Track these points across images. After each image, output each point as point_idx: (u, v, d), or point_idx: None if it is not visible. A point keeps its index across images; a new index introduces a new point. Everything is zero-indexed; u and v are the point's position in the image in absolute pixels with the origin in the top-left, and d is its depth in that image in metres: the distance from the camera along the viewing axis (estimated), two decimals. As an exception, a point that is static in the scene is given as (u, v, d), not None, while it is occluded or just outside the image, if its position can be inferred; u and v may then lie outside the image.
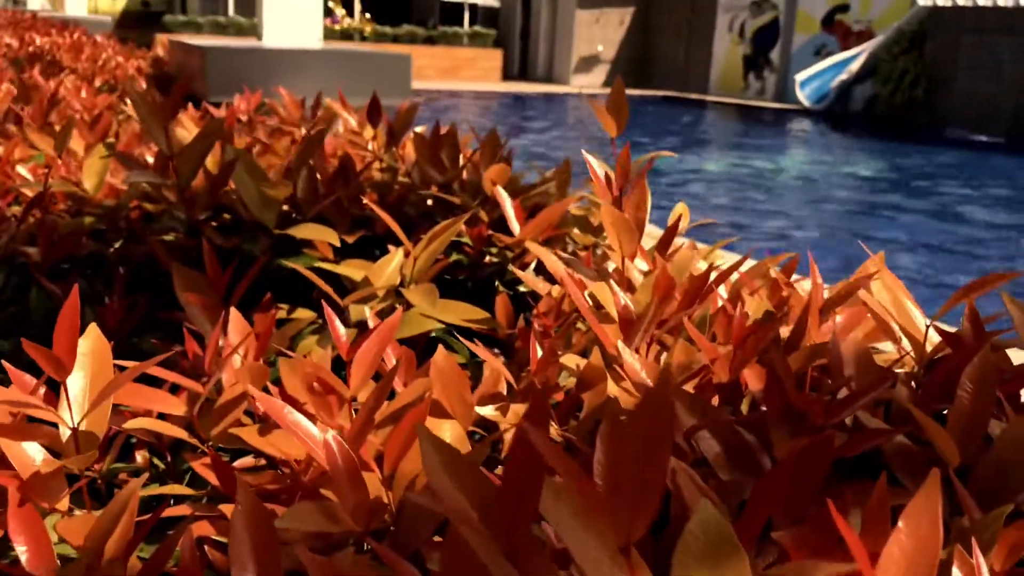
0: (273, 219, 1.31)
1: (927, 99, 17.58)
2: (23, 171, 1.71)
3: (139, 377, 0.83)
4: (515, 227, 1.23)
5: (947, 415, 0.72)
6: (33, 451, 0.72)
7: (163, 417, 0.87)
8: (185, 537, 0.64)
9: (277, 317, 1.23)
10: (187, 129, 1.85)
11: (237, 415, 0.86)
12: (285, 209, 1.46)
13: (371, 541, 0.53)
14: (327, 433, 0.65)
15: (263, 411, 0.72)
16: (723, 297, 0.94)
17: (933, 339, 0.94)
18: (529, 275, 1.06)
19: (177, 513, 0.74)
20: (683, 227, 1.42)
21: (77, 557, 0.65)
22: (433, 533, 0.66)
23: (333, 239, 1.28)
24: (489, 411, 0.81)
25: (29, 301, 1.29)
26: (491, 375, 0.87)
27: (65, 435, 0.75)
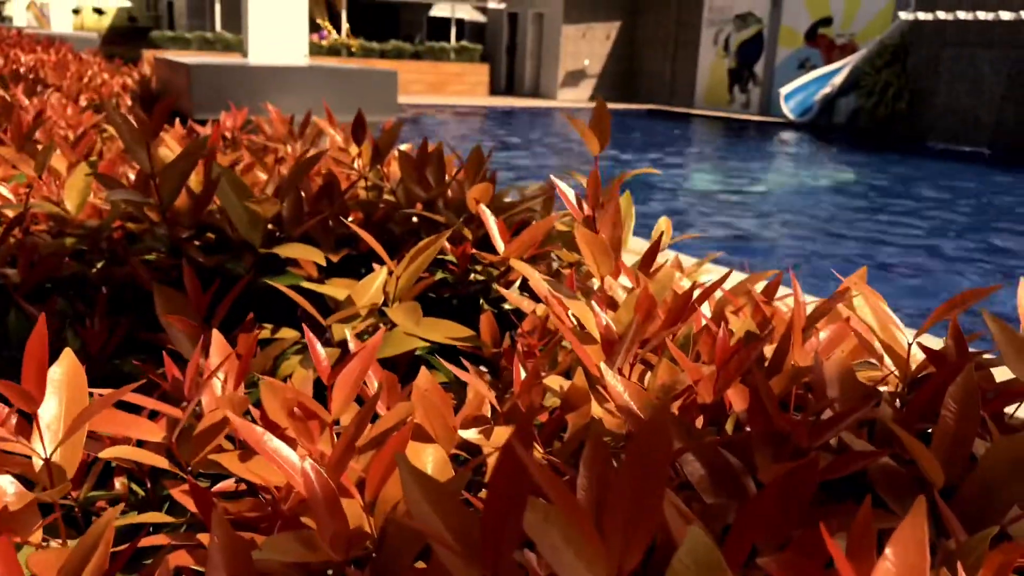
0: (259, 238, 1.30)
1: (910, 111, 17.77)
2: (3, 191, 1.69)
3: (119, 402, 0.82)
4: (499, 245, 1.22)
5: (932, 434, 0.72)
6: (4, 483, 0.71)
7: (142, 444, 0.85)
8: (162, 568, 0.63)
9: (261, 337, 1.22)
10: (170, 148, 1.83)
11: (218, 441, 0.85)
12: (270, 228, 1.45)
13: (352, 571, 0.52)
14: (305, 461, 0.64)
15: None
16: (706, 317, 0.93)
17: (917, 356, 0.94)
18: (513, 294, 1.05)
19: (155, 543, 0.72)
20: (666, 242, 1.42)
21: (51, 591, 0.64)
22: (415, 560, 0.65)
23: (318, 258, 1.28)
24: (472, 434, 0.80)
25: (7, 324, 1.28)
26: (475, 397, 0.86)
27: (38, 465, 0.74)
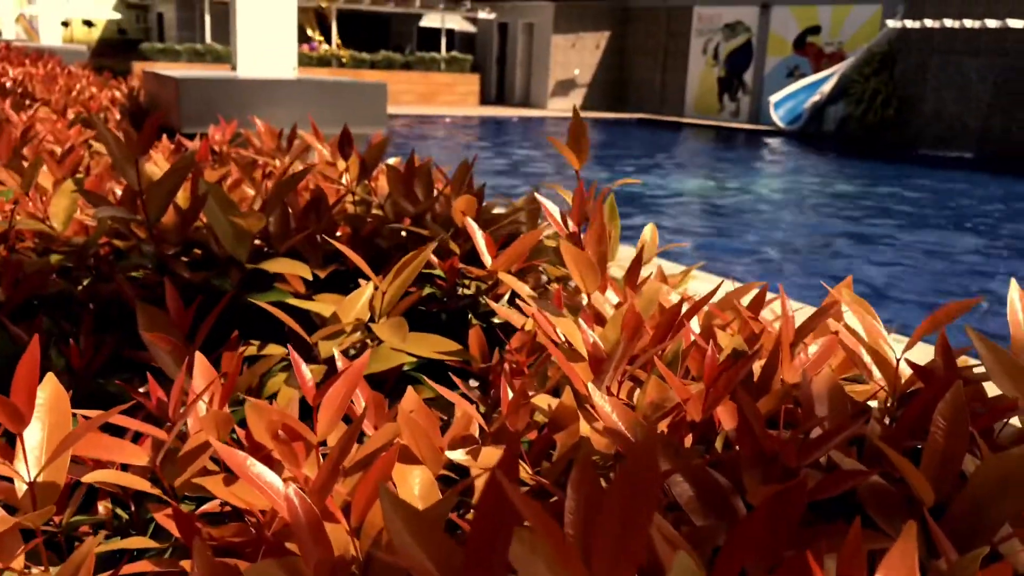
0: (245, 253, 1.30)
1: (898, 118, 17.88)
2: (-12, 208, 1.68)
3: (103, 424, 0.81)
4: (487, 259, 1.22)
5: (921, 452, 0.71)
6: (-15, 509, 0.70)
7: (126, 467, 0.84)
8: (143, 597, 0.62)
9: (248, 353, 1.21)
10: (157, 163, 1.83)
11: (202, 463, 0.84)
12: (257, 243, 1.44)
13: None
14: (289, 487, 0.63)
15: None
16: (695, 332, 0.93)
17: (907, 369, 0.93)
18: (502, 307, 1.05)
19: (137, 570, 0.71)
20: (652, 250, 1.42)
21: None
22: (402, 585, 0.64)
23: (304, 273, 1.27)
24: (460, 455, 0.79)
25: (-9, 343, 1.26)
26: (463, 416, 0.85)
27: (21, 490, 0.73)
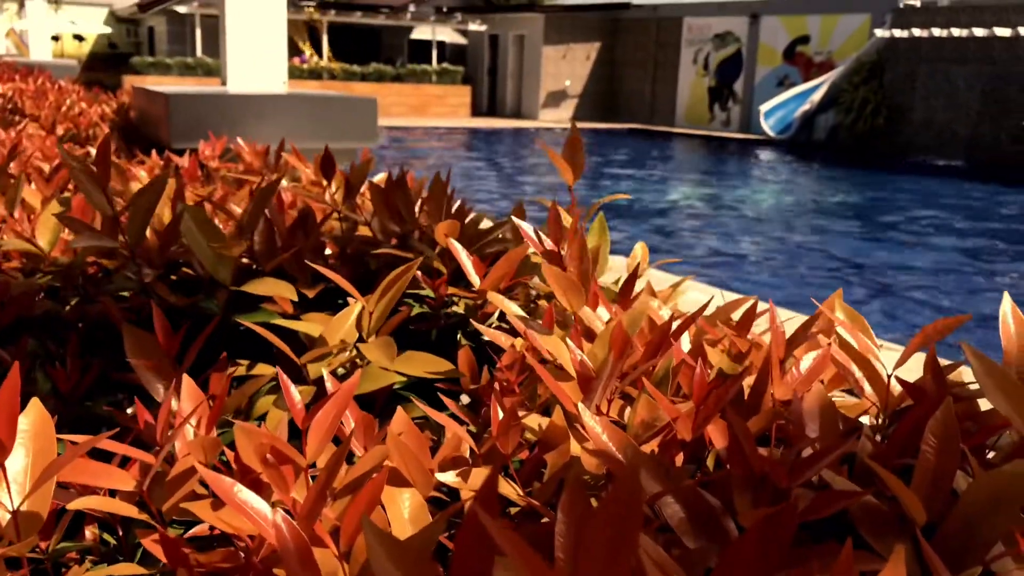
0: (229, 275, 1.29)
1: (888, 127, 18.00)
2: (-26, 228, 1.67)
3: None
4: (474, 279, 1.22)
5: (913, 469, 0.71)
6: (-33, 540, 0.69)
7: (114, 493, 0.83)
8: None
9: (237, 373, 1.20)
10: (142, 183, 1.82)
11: (191, 487, 0.83)
12: (245, 262, 1.44)
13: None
14: (277, 514, 0.62)
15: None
16: (683, 354, 0.93)
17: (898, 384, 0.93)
18: (490, 329, 1.04)
19: (123, 598, 0.70)
20: (644, 267, 1.42)
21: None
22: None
23: (290, 294, 1.26)
24: (450, 477, 0.78)
25: (-24, 366, 1.25)
26: (452, 438, 0.85)
27: (4, 519, 0.72)
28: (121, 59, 25.07)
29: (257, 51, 4.27)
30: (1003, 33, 15.93)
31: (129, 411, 1.15)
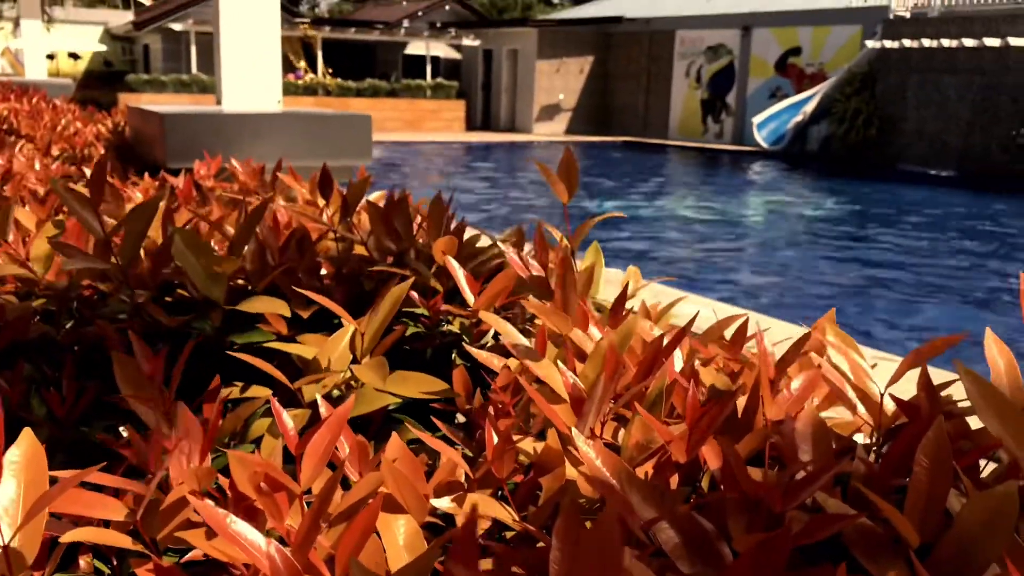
0: (221, 295, 1.29)
1: (880, 137, 18.08)
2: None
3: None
4: (469, 297, 1.22)
5: (907, 490, 0.71)
6: (-42, 575, 0.68)
7: (108, 523, 0.83)
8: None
9: (232, 396, 1.20)
10: (137, 203, 1.82)
11: (185, 515, 0.83)
12: (240, 283, 1.44)
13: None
14: (271, 546, 0.62)
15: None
16: (676, 374, 0.93)
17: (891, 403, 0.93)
18: (482, 352, 1.04)
19: (117, 629, 0.70)
20: (636, 288, 1.43)
21: None
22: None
23: (284, 311, 1.26)
24: (445, 503, 0.78)
25: (-30, 392, 1.24)
26: (447, 463, 0.85)
27: (-3, 552, 0.72)
28: (116, 77, 25.13)
29: (252, 70, 4.29)
30: (992, 43, 16.04)
31: (123, 431, 1.15)
